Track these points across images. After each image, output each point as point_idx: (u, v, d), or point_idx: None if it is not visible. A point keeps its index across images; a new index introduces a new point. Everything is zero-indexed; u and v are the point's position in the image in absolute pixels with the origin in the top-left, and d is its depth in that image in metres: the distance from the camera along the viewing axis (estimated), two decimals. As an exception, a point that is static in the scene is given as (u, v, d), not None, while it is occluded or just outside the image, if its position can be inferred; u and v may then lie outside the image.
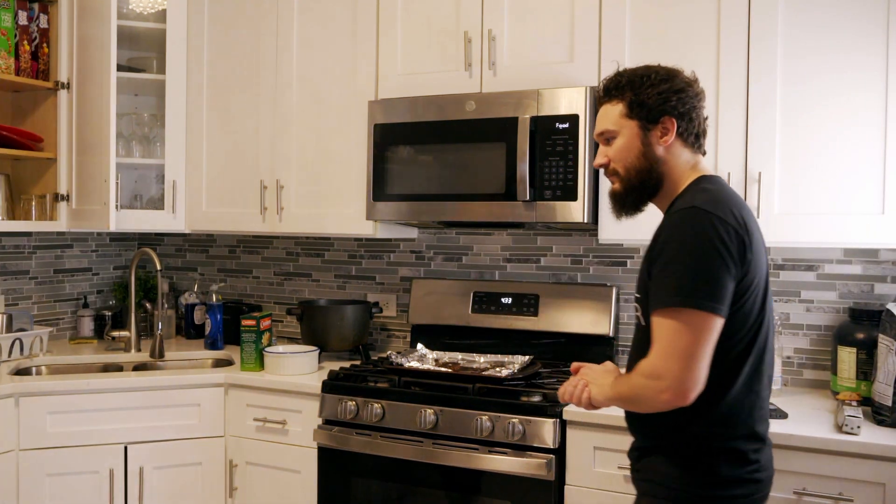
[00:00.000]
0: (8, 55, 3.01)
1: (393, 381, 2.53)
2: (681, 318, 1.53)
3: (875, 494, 1.96)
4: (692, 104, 1.71)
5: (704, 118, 1.76)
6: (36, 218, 3.12)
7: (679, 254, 1.56)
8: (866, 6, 2.23)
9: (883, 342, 2.18)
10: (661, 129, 1.70)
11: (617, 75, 1.76)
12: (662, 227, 1.65)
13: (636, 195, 1.75)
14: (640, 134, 1.71)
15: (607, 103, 1.76)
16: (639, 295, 1.70)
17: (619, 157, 1.74)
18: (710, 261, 1.53)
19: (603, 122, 1.77)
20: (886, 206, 2.21)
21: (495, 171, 2.59)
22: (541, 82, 2.59)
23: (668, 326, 1.54)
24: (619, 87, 1.74)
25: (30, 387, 2.61)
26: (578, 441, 2.28)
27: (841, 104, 2.26)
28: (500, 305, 2.95)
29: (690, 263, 1.54)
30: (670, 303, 1.54)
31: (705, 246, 1.54)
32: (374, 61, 2.87)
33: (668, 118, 1.69)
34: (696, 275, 1.53)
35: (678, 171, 1.72)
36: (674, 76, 1.73)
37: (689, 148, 1.73)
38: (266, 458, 2.75)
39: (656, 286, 1.58)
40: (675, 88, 1.70)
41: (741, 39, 2.36)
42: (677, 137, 1.71)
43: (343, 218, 2.93)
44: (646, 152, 1.71)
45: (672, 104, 1.69)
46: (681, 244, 1.56)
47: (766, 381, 1.68)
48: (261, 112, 3.08)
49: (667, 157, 1.71)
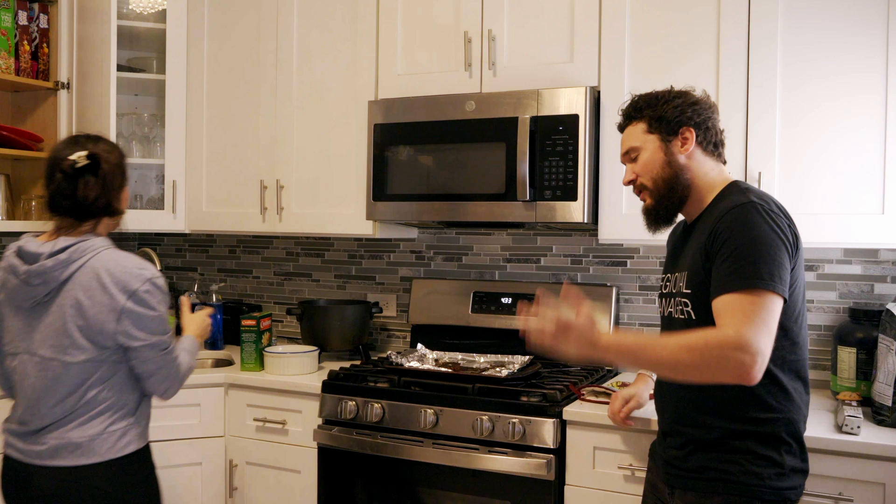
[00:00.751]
0: (8, 55, 3.01)
1: (393, 381, 2.53)
2: (762, 298, 1.58)
3: (875, 494, 1.96)
4: (707, 115, 1.83)
5: (721, 129, 1.87)
6: (36, 218, 3.12)
7: (747, 243, 1.62)
8: (866, 9, 2.23)
9: (883, 342, 2.18)
10: (680, 139, 1.81)
11: (633, 100, 1.89)
12: (718, 222, 1.68)
13: (667, 205, 1.84)
14: (662, 146, 1.82)
15: (629, 126, 1.89)
16: (688, 290, 1.74)
17: (645, 171, 1.84)
18: (777, 249, 1.61)
19: (626, 141, 1.89)
20: (886, 206, 2.21)
21: (495, 171, 2.59)
22: (541, 82, 2.59)
23: (750, 303, 1.57)
24: (637, 109, 1.87)
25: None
26: (578, 441, 2.28)
27: (841, 106, 2.26)
28: (500, 305, 2.95)
29: (761, 250, 1.61)
30: (748, 284, 1.58)
31: (770, 235, 1.62)
32: (374, 61, 2.87)
33: (686, 128, 1.81)
34: (768, 261, 1.60)
35: (705, 179, 1.82)
36: (686, 92, 1.86)
37: (711, 156, 1.84)
38: (266, 458, 2.75)
39: (727, 272, 1.62)
40: (689, 101, 1.83)
41: (741, 43, 2.36)
42: (697, 146, 1.82)
43: (343, 218, 2.93)
44: (670, 161, 1.81)
45: (688, 115, 1.81)
46: (747, 235, 1.62)
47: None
48: (261, 112, 3.08)
49: (690, 165, 1.81)
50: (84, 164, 1.86)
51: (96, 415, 1.87)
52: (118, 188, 1.94)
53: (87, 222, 1.91)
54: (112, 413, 1.89)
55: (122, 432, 1.89)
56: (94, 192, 1.88)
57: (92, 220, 1.91)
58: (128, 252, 1.93)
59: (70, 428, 1.86)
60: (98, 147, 1.91)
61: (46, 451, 1.85)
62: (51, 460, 1.85)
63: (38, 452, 1.86)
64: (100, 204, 1.90)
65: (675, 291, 1.81)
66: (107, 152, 1.92)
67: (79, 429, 1.86)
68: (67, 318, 1.84)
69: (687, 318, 1.76)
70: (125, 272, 1.86)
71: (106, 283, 1.83)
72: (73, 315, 1.83)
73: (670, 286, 1.86)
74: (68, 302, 1.84)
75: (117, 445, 1.88)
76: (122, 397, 1.91)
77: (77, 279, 1.84)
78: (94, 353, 1.85)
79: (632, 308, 2.88)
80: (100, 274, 1.84)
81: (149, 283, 1.87)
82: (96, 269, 1.84)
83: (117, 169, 1.93)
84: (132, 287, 1.85)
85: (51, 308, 1.86)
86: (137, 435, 1.94)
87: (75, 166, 1.86)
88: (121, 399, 1.90)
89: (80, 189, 1.86)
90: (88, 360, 1.85)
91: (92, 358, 1.85)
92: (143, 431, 1.98)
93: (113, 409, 1.89)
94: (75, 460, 1.85)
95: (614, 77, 2.52)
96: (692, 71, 2.43)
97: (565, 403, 2.32)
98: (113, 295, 1.83)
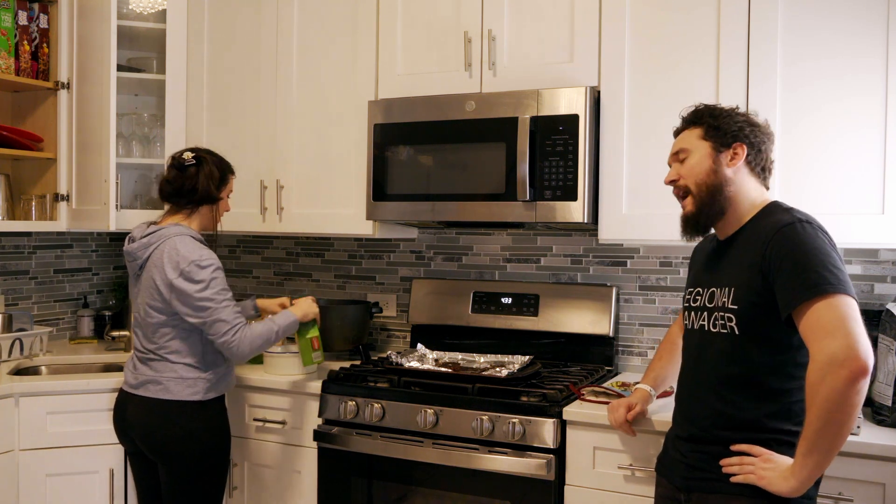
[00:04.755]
0: (8, 55, 3.01)
1: (393, 381, 2.53)
2: (839, 302, 1.60)
3: (875, 494, 1.96)
4: (763, 139, 1.85)
5: (772, 159, 1.89)
6: (36, 218, 3.12)
7: (809, 256, 1.65)
8: (866, 10, 2.23)
9: (883, 342, 2.18)
10: (731, 152, 1.83)
11: (696, 108, 1.91)
12: (770, 241, 1.71)
13: (707, 213, 1.85)
14: (712, 154, 1.84)
15: (685, 130, 1.91)
16: (735, 306, 1.76)
17: (689, 174, 1.86)
18: (836, 260, 1.66)
19: (679, 143, 1.92)
20: (886, 206, 2.21)
21: (495, 171, 2.59)
22: (541, 82, 2.59)
23: (829, 310, 1.60)
24: (697, 116, 1.89)
25: (30, 387, 2.61)
26: (578, 441, 2.28)
27: (841, 106, 2.26)
28: (500, 305, 2.95)
29: (823, 260, 1.64)
30: (820, 291, 1.61)
31: (826, 248, 1.67)
32: (374, 61, 2.87)
33: (739, 144, 1.83)
34: (834, 269, 1.64)
35: (746, 197, 1.84)
36: (748, 114, 1.89)
37: (756, 177, 1.86)
38: (266, 458, 2.75)
39: (794, 285, 1.65)
40: (751, 122, 1.86)
41: (741, 43, 2.36)
42: (745, 164, 1.84)
43: (343, 218, 2.93)
44: (715, 170, 1.83)
45: (745, 133, 1.83)
46: (806, 249, 1.66)
47: None
48: (261, 112, 3.08)
49: (734, 179, 1.83)
50: (191, 161, 2.43)
51: (172, 359, 2.37)
52: (216, 181, 2.47)
53: (186, 209, 2.46)
54: (183, 366, 2.38)
55: (192, 381, 2.38)
56: (192, 181, 2.43)
57: (189, 207, 2.45)
58: (194, 240, 2.38)
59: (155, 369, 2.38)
60: (202, 151, 2.50)
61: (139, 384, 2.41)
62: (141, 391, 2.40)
63: (133, 385, 2.43)
64: (195, 190, 2.43)
65: (716, 306, 1.82)
66: (209, 154, 2.50)
67: (159, 371, 2.38)
68: (145, 289, 2.39)
69: (729, 333, 1.77)
70: (178, 255, 2.33)
71: (165, 263, 2.33)
72: (149, 287, 2.37)
73: (703, 300, 1.87)
74: (147, 276, 2.38)
75: (187, 391, 2.37)
76: (191, 354, 2.39)
77: (153, 259, 2.37)
78: (166, 317, 2.36)
79: (632, 308, 2.88)
80: (164, 255, 2.34)
81: (193, 263, 2.32)
82: (164, 252, 2.35)
83: (216, 167, 2.48)
84: (181, 267, 2.32)
85: (141, 279, 2.42)
86: (206, 388, 2.40)
87: (184, 163, 2.43)
88: (190, 354, 2.39)
89: (185, 179, 2.43)
90: (163, 321, 2.37)
91: (165, 321, 2.37)
92: (215, 386, 2.43)
93: (183, 361, 2.38)
94: (155, 394, 2.37)
95: (614, 77, 2.52)
96: (692, 71, 2.43)
97: (565, 403, 2.32)
98: (168, 272, 2.32)
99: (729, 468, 1.74)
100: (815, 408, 1.59)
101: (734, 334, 1.76)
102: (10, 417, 2.56)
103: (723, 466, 1.75)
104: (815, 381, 1.59)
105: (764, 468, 1.69)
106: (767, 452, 1.71)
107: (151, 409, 2.37)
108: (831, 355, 1.57)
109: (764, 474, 1.68)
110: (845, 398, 1.56)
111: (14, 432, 2.57)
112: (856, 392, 1.56)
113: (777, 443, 1.73)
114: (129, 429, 2.42)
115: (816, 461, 1.62)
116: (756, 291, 1.72)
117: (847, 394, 1.56)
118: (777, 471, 1.67)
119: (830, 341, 1.58)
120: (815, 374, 1.60)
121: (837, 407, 1.57)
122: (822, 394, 1.57)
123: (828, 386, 1.56)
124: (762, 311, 1.72)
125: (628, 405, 2.15)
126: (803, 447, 1.63)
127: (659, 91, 2.47)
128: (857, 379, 1.55)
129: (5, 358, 2.93)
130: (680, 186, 1.89)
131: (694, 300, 1.91)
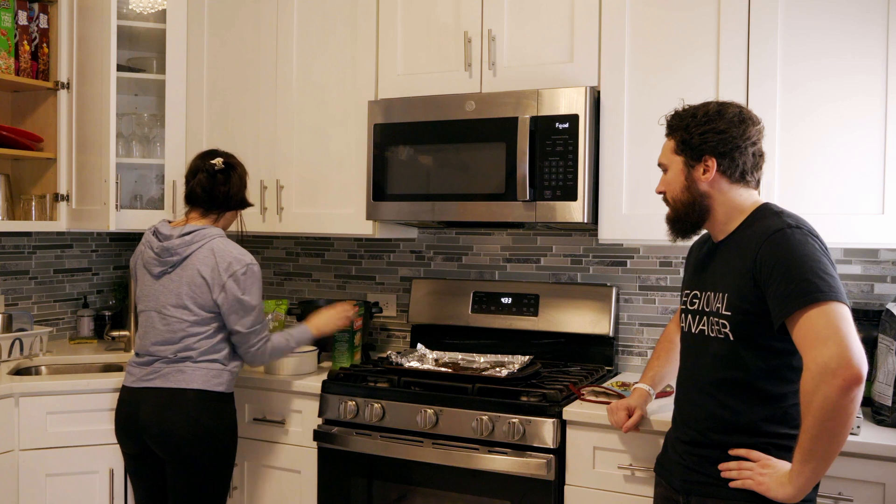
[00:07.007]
0: (8, 55, 3.01)
1: (393, 381, 2.53)
2: (831, 310, 1.60)
3: (875, 494, 1.96)
4: (734, 144, 1.80)
5: (754, 154, 1.82)
6: (36, 218, 3.12)
7: (799, 263, 1.65)
8: (866, 10, 2.23)
9: (883, 342, 2.18)
10: (703, 166, 1.82)
11: (674, 114, 1.90)
12: (760, 248, 1.70)
13: (684, 222, 1.88)
14: (685, 170, 1.85)
15: (668, 137, 1.91)
16: (728, 312, 1.76)
17: (668, 189, 1.90)
18: (827, 266, 1.65)
19: (662, 153, 1.93)
20: (886, 206, 2.21)
21: (495, 171, 2.59)
22: (541, 82, 2.59)
23: (821, 318, 1.59)
24: (671, 127, 1.89)
25: (30, 387, 2.61)
26: (578, 441, 2.28)
27: (841, 106, 2.26)
28: (500, 305, 2.95)
29: (814, 266, 1.64)
30: (812, 300, 1.60)
31: (817, 254, 1.66)
32: (374, 61, 2.87)
33: (708, 157, 1.81)
34: (825, 276, 1.63)
35: (731, 204, 1.83)
36: (721, 116, 1.81)
37: (737, 184, 1.83)
38: (266, 458, 2.75)
39: (785, 294, 1.64)
40: (717, 129, 1.80)
41: (741, 43, 2.36)
42: (720, 174, 1.81)
43: (343, 218, 2.93)
44: (689, 187, 1.84)
45: (711, 144, 1.80)
46: (796, 255, 1.66)
47: None
48: (261, 112, 3.08)
49: (712, 192, 1.83)
50: (221, 168, 2.48)
51: (195, 357, 2.38)
52: (245, 186, 2.57)
53: (213, 213, 2.51)
54: (208, 362, 2.40)
55: (217, 372, 2.41)
56: (226, 188, 2.49)
57: (217, 211, 2.51)
58: (236, 244, 2.46)
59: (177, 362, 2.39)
60: (227, 155, 2.55)
61: (155, 377, 2.40)
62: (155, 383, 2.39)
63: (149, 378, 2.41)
64: (231, 196, 2.51)
65: (711, 311, 1.82)
66: (234, 158, 2.56)
67: (183, 364, 2.38)
68: (183, 287, 2.39)
69: (725, 338, 1.78)
70: (230, 256, 2.39)
71: (216, 263, 2.37)
72: (187, 284, 2.39)
73: (700, 304, 1.87)
74: (186, 274, 2.39)
75: (213, 381, 2.39)
76: (216, 352, 2.42)
77: (196, 256, 2.39)
78: (199, 316, 2.39)
79: (632, 308, 2.88)
80: (213, 254, 2.38)
81: (247, 266, 2.40)
82: (212, 250, 2.39)
83: (244, 173, 2.58)
84: (234, 268, 2.38)
85: (172, 277, 2.41)
86: (229, 379, 2.44)
87: (215, 168, 2.47)
88: (216, 352, 2.41)
89: (218, 185, 2.48)
90: (194, 320, 2.38)
91: (196, 320, 2.39)
92: (235, 377, 2.48)
93: (207, 358, 2.40)
94: (175, 384, 2.37)
95: (614, 77, 2.52)
96: (692, 71, 2.43)
97: (565, 403, 2.32)
98: (219, 272, 2.37)
99: (727, 473, 1.74)
100: (809, 416, 1.60)
101: (729, 339, 1.77)
102: (10, 417, 2.56)
103: (721, 471, 1.75)
104: (809, 390, 1.59)
105: (762, 474, 1.69)
106: (766, 458, 1.71)
107: (169, 401, 2.35)
108: (824, 364, 1.56)
109: (762, 480, 1.68)
110: (839, 407, 1.56)
111: (14, 432, 2.57)
112: (850, 400, 1.56)
113: (774, 447, 1.73)
114: (142, 429, 2.37)
115: (813, 468, 1.62)
116: (748, 299, 1.72)
117: (841, 402, 1.56)
118: (775, 476, 1.67)
119: (823, 350, 1.57)
120: (808, 383, 1.59)
121: (832, 415, 1.57)
122: (816, 403, 1.57)
123: (821, 395, 1.56)
124: (755, 317, 1.72)
125: (627, 407, 2.15)
126: (800, 455, 1.63)
127: (659, 91, 2.47)
128: (851, 387, 1.55)
129: (5, 358, 2.93)
130: (666, 198, 1.92)
131: (691, 303, 1.91)
